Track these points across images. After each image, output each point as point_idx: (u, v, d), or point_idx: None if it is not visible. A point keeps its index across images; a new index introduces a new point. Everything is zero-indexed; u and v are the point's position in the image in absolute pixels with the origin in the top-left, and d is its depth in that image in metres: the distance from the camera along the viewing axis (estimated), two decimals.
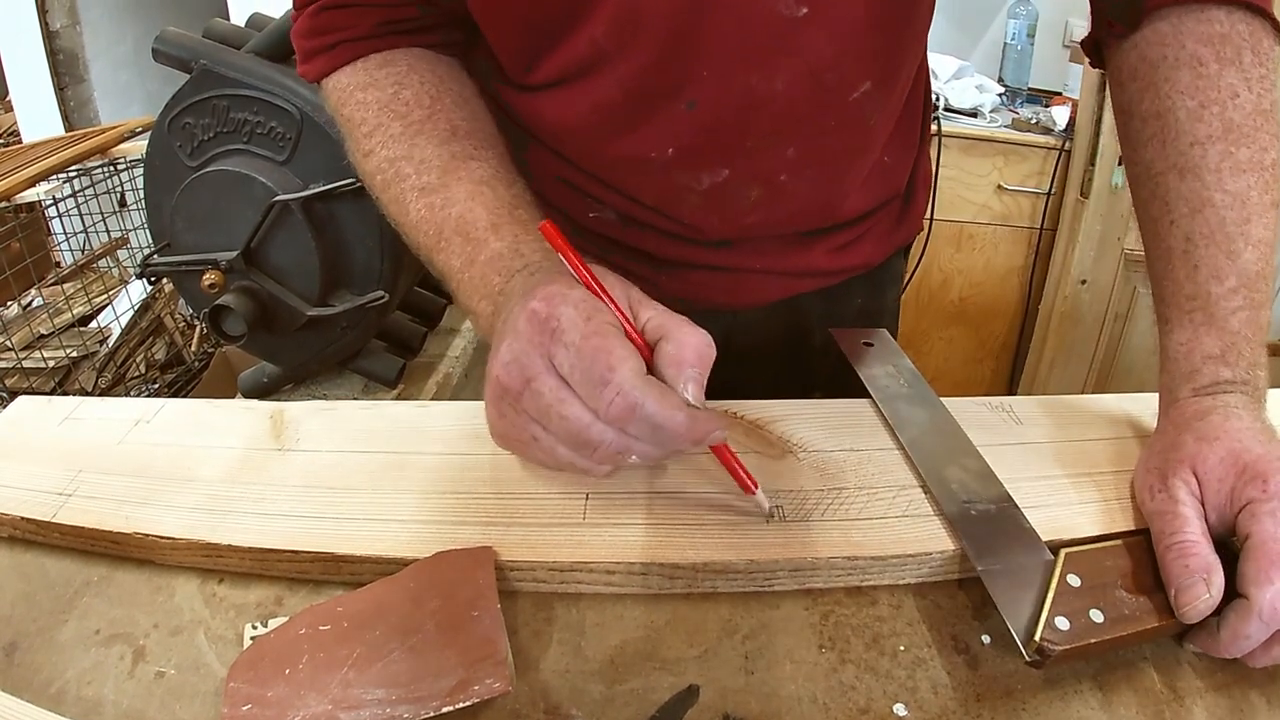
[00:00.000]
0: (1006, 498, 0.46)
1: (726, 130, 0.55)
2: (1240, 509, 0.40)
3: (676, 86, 0.53)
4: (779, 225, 0.64)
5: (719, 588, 0.43)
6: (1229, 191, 0.46)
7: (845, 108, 0.56)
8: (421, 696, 0.35)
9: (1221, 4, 0.48)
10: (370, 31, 0.54)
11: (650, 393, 0.37)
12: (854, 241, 0.68)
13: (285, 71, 1.10)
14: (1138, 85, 0.51)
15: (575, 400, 0.39)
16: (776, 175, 0.58)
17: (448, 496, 0.47)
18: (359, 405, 0.58)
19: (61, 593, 0.44)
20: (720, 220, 0.61)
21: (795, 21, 0.50)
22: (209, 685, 0.38)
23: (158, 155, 1.17)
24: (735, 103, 0.53)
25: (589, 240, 0.65)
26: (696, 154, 0.56)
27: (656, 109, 0.54)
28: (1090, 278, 1.71)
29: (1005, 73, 2.11)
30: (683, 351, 0.39)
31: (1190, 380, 0.46)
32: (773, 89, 0.53)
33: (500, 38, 0.55)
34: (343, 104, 0.55)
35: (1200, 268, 0.47)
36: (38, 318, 1.76)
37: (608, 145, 0.57)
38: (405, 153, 0.51)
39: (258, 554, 0.44)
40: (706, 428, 0.39)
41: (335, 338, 1.25)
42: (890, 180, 0.67)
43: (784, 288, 0.68)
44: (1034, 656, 0.37)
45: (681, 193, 0.59)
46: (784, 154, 0.57)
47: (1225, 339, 0.46)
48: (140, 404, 0.58)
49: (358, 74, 0.55)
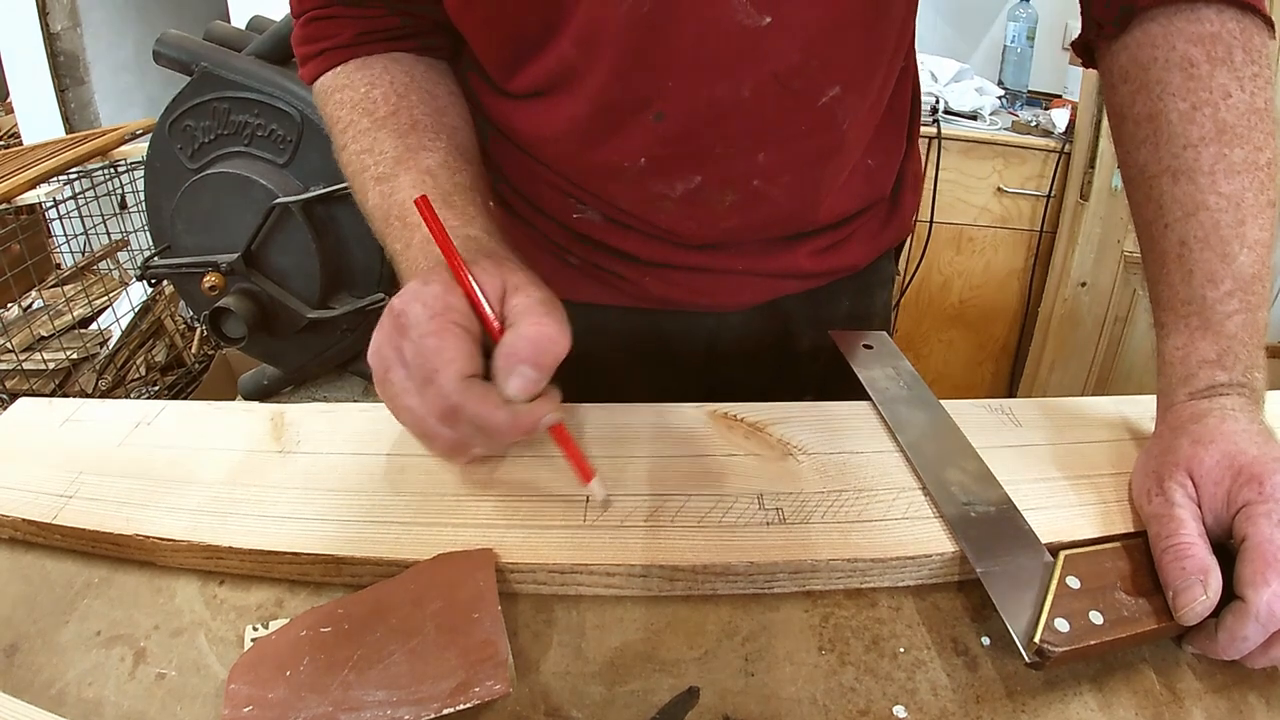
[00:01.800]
0: (1006, 500, 0.46)
1: (696, 139, 0.56)
2: (1236, 511, 0.40)
3: (643, 99, 0.54)
4: (758, 229, 0.64)
5: (719, 590, 0.43)
6: (1223, 194, 0.46)
7: (815, 112, 0.56)
8: (422, 698, 0.35)
9: (1212, 2, 0.47)
10: (352, 40, 0.58)
11: (469, 395, 0.40)
12: (838, 244, 0.68)
13: (286, 74, 1.11)
14: (1129, 88, 0.50)
15: (415, 396, 0.41)
16: (749, 180, 0.59)
17: (448, 499, 0.47)
18: (359, 407, 0.58)
19: (62, 594, 0.44)
20: (698, 225, 0.62)
21: (758, 30, 0.50)
22: (210, 687, 0.38)
23: (158, 157, 1.17)
24: (703, 112, 0.54)
25: (574, 240, 0.66)
26: (668, 163, 0.57)
27: (625, 121, 0.55)
28: (1090, 280, 1.71)
29: (1005, 75, 2.12)
30: (516, 344, 0.41)
31: (1186, 384, 0.46)
32: (739, 96, 0.53)
33: (483, 48, 0.58)
34: (325, 104, 0.59)
35: (1195, 272, 0.47)
36: (38, 320, 1.76)
37: (581, 155, 0.59)
38: (368, 145, 0.55)
39: (258, 556, 0.44)
40: (530, 421, 0.41)
41: (335, 340, 1.25)
42: (874, 183, 0.67)
43: (767, 289, 0.68)
44: (1034, 658, 0.37)
45: (657, 200, 0.60)
46: (755, 159, 0.57)
47: (1221, 343, 0.46)
48: (141, 406, 0.58)
49: (338, 77, 0.58)
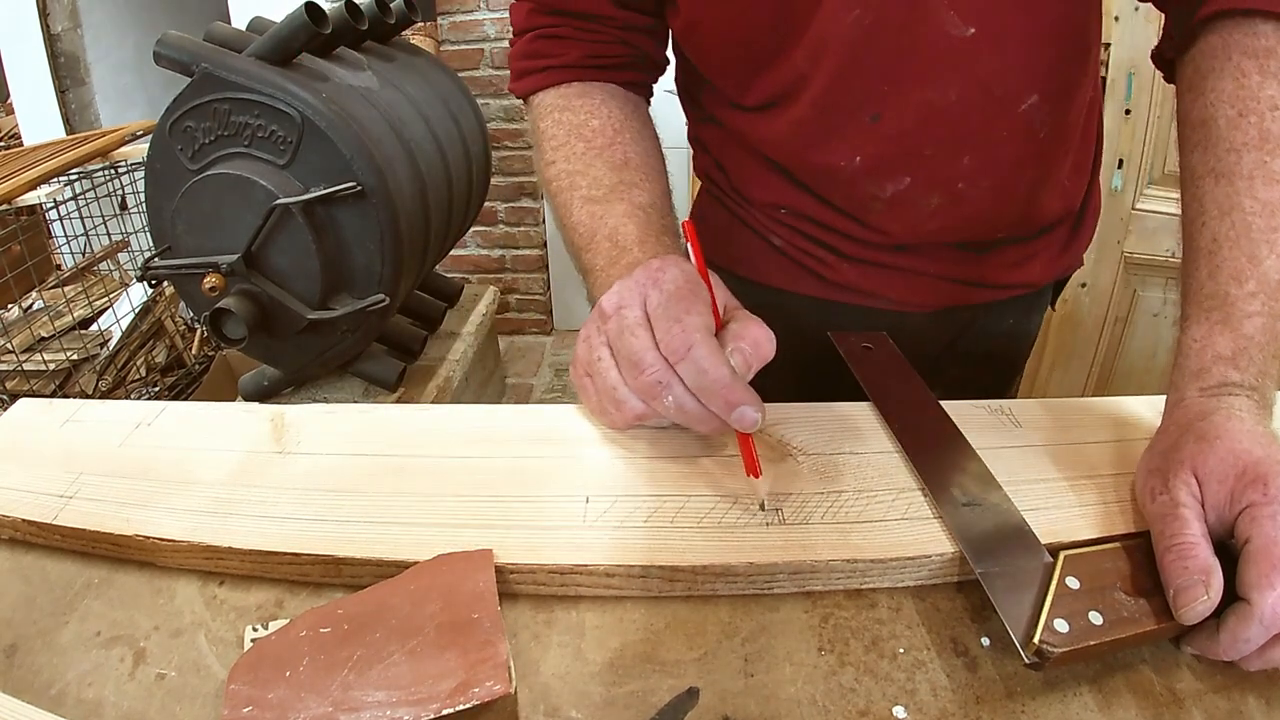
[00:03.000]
0: (1006, 501, 0.46)
1: (907, 140, 0.61)
2: (1240, 511, 0.40)
3: (861, 102, 0.60)
4: (957, 232, 0.68)
5: (719, 590, 0.43)
6: (1259, 199, 0.47)
7: (1014, 118, 0.61)
8: (422, 699, 0.35)
9: (1270, 19, 0.49)
10: (577, 61, 0.64)
11: (708, 341, 0.44)
12: (1024, 260, 0.72)
13: (286, 75, 1.11)
14: (1190, 95, 0.53)
15: (647, 331, 0.46)
16: (954, 183, 0.63)
17: (448, 499, 0.47)
18: (360, 408, 0.58)
19: (62, 595, 0.44)
20: (903, 226, 0.66)
21: (964, 40, 0.56)
22: (209, 687, 0.38)
23: (159, 158, 1.17)
24: (914, 115, 0.60)
25: (780, 225, 0.70)
26: (881, 162, 0.63)
27: (844, 122, 0.61)
28: (1090, 281, 1.71)
29: None
30: (744, 330, 0.46)
31: (1198, 379, 0.47)
32: (947, 100, 0.59)
33: (715, 66, 0.65)
34: (541, 118, 0.66)
35: (1222, 268, 0.48)
36: (38, 320, 1.76)
37: (804, 156, 0.65)
38: (582, 169, 0.61)
39: (258, 556, 0.44)
40: (742, 396, 0.44)
41: (336, 341, 1.25)
42: (1066, 200, 0.71)
43: (954, 295, 0.72)
44: (1033, 659, 0.37)
45: (868, 200, 0.65)
46: (960, 162, 0.62)
47: (1239, 342, 0.46)
48: (141, 407, 0.58)
49: (559, 97, 0.65)
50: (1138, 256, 1.60)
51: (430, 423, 0.55)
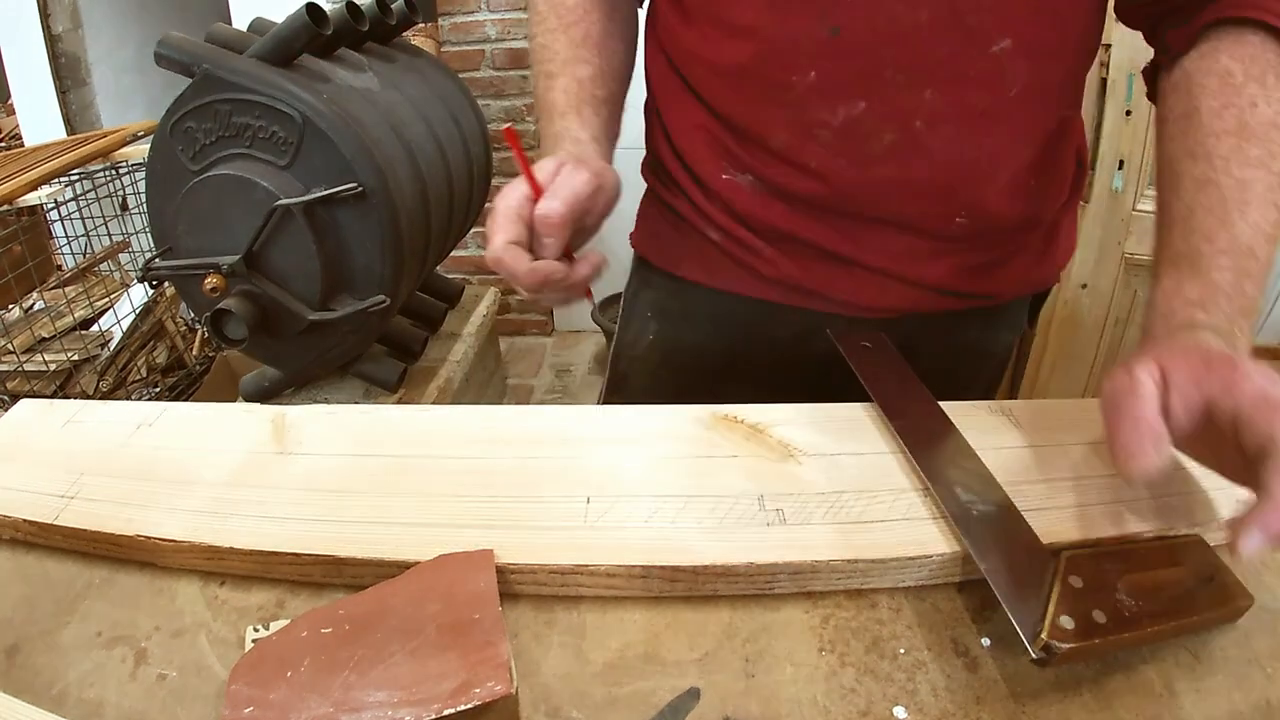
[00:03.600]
0: (1006, 501, 0.46)
1: (867, 57, 0.58)
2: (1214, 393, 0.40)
3: (822, 11, 0.57)
4: (906, 191, 0.63)
5: (720, 590, 0.43)
6: (1234, 177, 0.49)
7: (984, 59, 0.57)
8: (423, 699, 0.35)
9: (1259, 29, 0.51)
10: None
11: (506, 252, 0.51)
12: (983, 266, 0.68)
13: (287, 76, 1.11)
14: (1176, 94, 0.54)
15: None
16: (911, 119, 0.59)
17: (449, 500, 0.47)
18: (360, 409, 0.58)
19: (63, 595, 0.44)
20: (849, 164, 0.62)
21: None
22: (210, 687, 0.38)
23: (160, 159, 1.17)
24: (878, 31, 0.57)
25: (718, 207, 0.69)
26: (836, 81, 0.59)
27: (801, 31, 0.59)
28: (1090, 282, 1.71)
29: None
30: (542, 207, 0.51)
31: (1167, 320, 0.47)
32: (916, 20, 0.56)
33: None
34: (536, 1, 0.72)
35: (1195, 231, 0.49)
36: (39, 321, 1.76)
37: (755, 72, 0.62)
38: (548, 43, 0.67)
39: (259, 557, 0.44)
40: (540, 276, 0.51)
41: (336, 342, 1.25)
42: (1034, 203, 0.66)
43: (901, 297, 0.68)
44: (1040, 654, 0.37)
45: (815, 128, 0.61)
46: (921, 95, 0.59)
47: (1207, 290, 0.46)
48: (142, 408, 0.58)
49: None
50: (1138, 258, 1.60)
51: (431, 423, 0.55)
